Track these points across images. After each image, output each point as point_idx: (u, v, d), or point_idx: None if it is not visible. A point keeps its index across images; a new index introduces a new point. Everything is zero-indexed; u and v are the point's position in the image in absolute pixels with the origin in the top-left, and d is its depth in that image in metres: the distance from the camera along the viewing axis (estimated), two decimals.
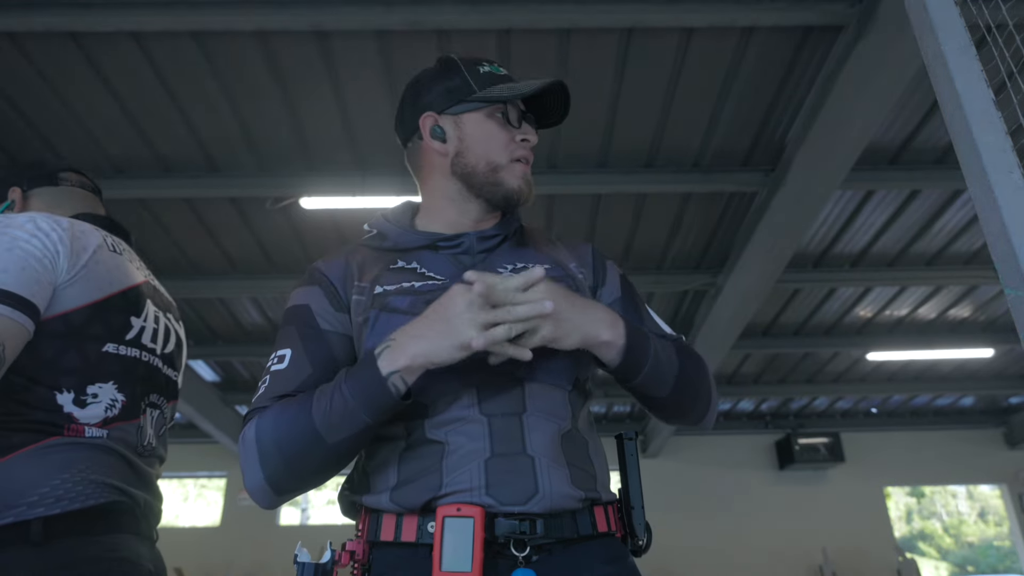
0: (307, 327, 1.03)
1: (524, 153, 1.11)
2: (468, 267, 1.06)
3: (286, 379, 0.98)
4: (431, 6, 3.31)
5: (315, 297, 1.06)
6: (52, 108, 3.91)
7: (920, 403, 9.09)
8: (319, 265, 1.11)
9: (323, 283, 1.07)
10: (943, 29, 0.96)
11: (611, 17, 3.34)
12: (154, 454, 1.32)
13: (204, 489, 11.57)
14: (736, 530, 8.63)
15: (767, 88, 3.89)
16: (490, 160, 1.10)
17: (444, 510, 0.89)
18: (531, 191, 1.12)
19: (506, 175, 1.10)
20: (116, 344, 1.21)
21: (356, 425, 0.90)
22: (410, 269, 1.07)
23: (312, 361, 1.00)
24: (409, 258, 1.09)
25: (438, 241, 1.10)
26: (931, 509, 14.79)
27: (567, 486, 0.94)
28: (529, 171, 1.13)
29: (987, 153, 0.94)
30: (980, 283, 5.88)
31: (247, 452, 0.94)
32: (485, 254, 1.10)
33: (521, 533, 0.90)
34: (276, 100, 3.91)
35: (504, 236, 1.13)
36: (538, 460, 0.94)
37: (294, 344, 1.02)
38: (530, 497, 0.92)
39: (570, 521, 0.94)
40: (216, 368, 7.56)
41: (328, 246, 5.27)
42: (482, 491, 0.91)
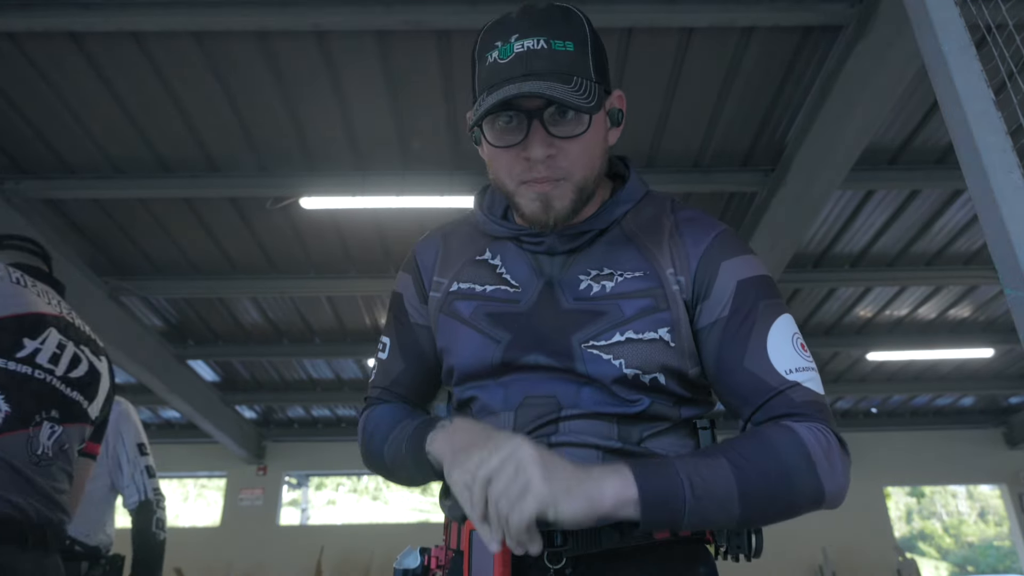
0: (400, 318, 1.09)
1: (531, 175, 0.91)
2: (547, 272, 0.97)
3: (386, 371, 1.09)
4: (431, 6, 3.31)
5: (407, 286, 1.10)
6: (52, 108, 3.91)
7: (920, 403, 9.08)
8: (417, 247, 1.11)
9: (414, 272, 1.09)
10: (943, 29, 0.96)
11: (611, 17, 3.34)
12: (54, 467, 1.39)
13: (204, 489, 11.57)
14: None
15: (767, 88, 3.89)
16: (502, 185, 0.96)
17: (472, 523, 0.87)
18: (554, 212, 0.92)
19: (520, 200, 0.94)
20: (5, 360, 1.34)
21: (410, 473, 0.97)
22: (491, 266, 1.01)
23: (404, 355, 1.08)
24: (495, 249, 1.02)
25: (522, 235, 0.99)
26: (931, 509, 14.79)
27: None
28: (551, 189, 0.91)
29: (987, 153, 0.94)
30: (980, 283, 5.88)
31: (359, 436, 1.07)
32: (567, 255, 0.97)
33: (551, 546, 0.84)
34: (276, 100, 3.91)
35: (599, 231, 0.97)
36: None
37: (391, 334, 1.10)
38: None
39: (611, 532, 0.85)
40: (216, 368, 7.55)
41: (328, 246, 5.28)
42: None
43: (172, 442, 8.50)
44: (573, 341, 0.91)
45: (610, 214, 0.98)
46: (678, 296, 0.92)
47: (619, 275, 0.94)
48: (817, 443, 0.84)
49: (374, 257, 5.38)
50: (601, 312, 0.92)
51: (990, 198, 0.92)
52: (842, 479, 0.87)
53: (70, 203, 4.73)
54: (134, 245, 5.23)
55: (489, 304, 0.97)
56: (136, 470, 2.20)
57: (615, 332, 0.90)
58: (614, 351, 0.90)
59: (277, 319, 6.50)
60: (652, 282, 0.93)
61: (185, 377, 7.02)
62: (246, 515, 8.92)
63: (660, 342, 0.90)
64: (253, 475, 9.12)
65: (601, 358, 0.90)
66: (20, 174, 4.40)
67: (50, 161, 4.32)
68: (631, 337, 0.90)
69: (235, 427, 8.34)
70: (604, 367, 0.90)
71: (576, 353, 0.91)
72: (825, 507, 0.87)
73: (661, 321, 0.91)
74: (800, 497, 0.83)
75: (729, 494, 0.79)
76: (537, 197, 0.91)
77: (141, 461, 2.22)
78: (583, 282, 0.94)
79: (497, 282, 0.99)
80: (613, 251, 0.97)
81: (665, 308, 0.91)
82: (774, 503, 0.82)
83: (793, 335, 0.90)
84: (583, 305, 0.93)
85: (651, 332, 0.90)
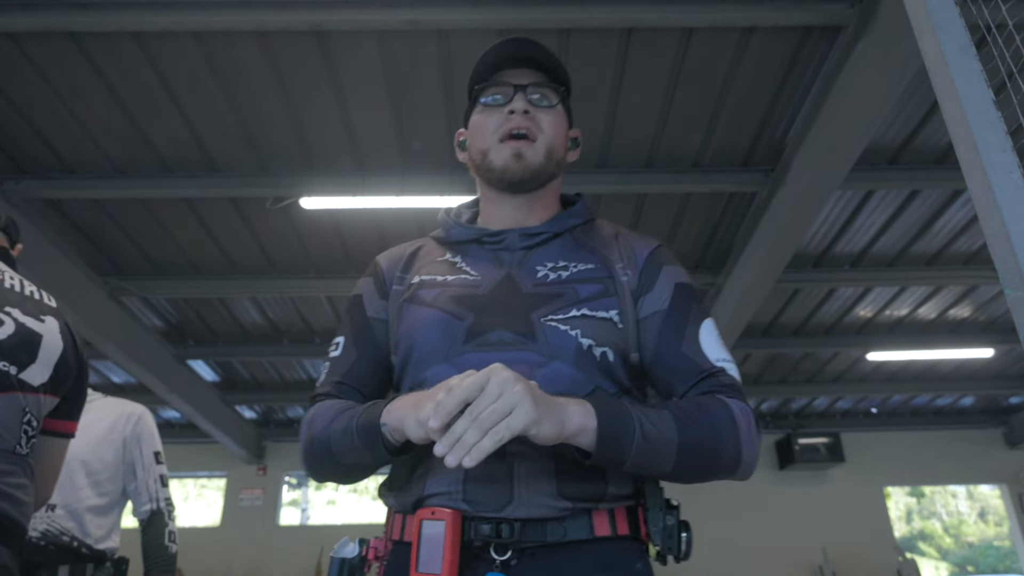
0: (356, 314, 1.14)
1: (510, 126, 1.08)
2: (506, 264, 1.08)
3: (338, 365, 1.10)
4: (431, 6, 3.31)
5: (367, 287, 1.17)
6: (52, 108, 3.91)
7: (920, 403, 9.08)
8: (378, 258, 1.22)
9: (375, 273, 1.18)
10: (943, 29, 0.96)
11: (611, 17, 3.34)
12: None
13: (204, 489, 11.57)
14: (736, 530, 8.62)
15: (767, 88, 3.89)
16: (480, 148, 1.12)
17: (422, 513, 0.91)
18: (524, 163, 1.07)
19: (493, 156, 1.10)
20: None
21: (358, 456, 0.96)
22: (451, 263, 1.11)
23: (358, 347, 1.10)
24: (456, 251, 1.13)
25: (483, 236, 1.12)
26: (931, 509, 14.79)
27: (550, 496, 0.92)
28: (526, 145, 1.08)
29: (987, 153, 0.94)
30: (980, 283, 5.88)
31: (301, 433, 1.06)
32: (525, 251, 1.09)
33: (497, 537, 0.89)
34: (276, 100, 3.91)
35: (553, 234, 1.11)
36: (518, 465, 0.92)
37: (346, 332, 1.13)
38: (505, 504, 0.91)
39: (556, 526, 0.91)
40: (216, 368, 7.55)
41: (328, 246, 5.28)
42: (459, 496, 0.92)
43: (172, 442, 8.48)
44: (534, 316, 1.00)
45: (563, 222, 1.12)
46: (625, 287, 1.05)
47: (573, 266, 1.06)
48: (742, 416, 0.96)
49: (374, 257, 5.37)
50: (559, 294, 1.02)
51: (990, 198, 0.92)
52: (756, 449, 0.98)
53: (70, 203, 4.73)
54: (134, 245, 5.23)
55: (451, 289, 1.06)
56: (150, 478, 2.19)
57: (572, 308, 1.00)
58: (571, 323, 0.99)
59: (277, 319, 6.50)
60: (603, 272, 1.06)
61: (185, 377, 7.02)
62: (246, 515, 8.92)
63: (610, 322, 1.01)
64: (253, 475, 9.11)
65: (559, 329, 0.98)
66: (20, 174, 4.40)
67: (50, 161, 4.32)
68: (586, 313, 1.00)
69: (235, 427, 8.34)
70: (563, 338, 0.98)
71: (537, 327, 0.99)
72: (739, 475, 0.97)
73: (611, 304, 1.02)
74: (723, 458, 0.94)
75: (669, 444, 0.89)
76: (512, 149, 1.07)
77: (156, 470, 2.21)
78: (540, 272, 1.05)
79: (458, 273, 1.09)
80: (566, 250, 1.09)
81: (614, 294, 1.04)
82: (702, 460, 0.93)
83: (718, 334, 1.06)
84: (541, 289, 1.03)
85: (603, 312, 1.01)
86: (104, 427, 2.16)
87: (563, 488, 0.93)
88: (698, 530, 4.38)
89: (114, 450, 2.15)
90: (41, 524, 1.94)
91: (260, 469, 9.13)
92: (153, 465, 2.21)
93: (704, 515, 9.81)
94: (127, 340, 5.86)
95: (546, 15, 3.34)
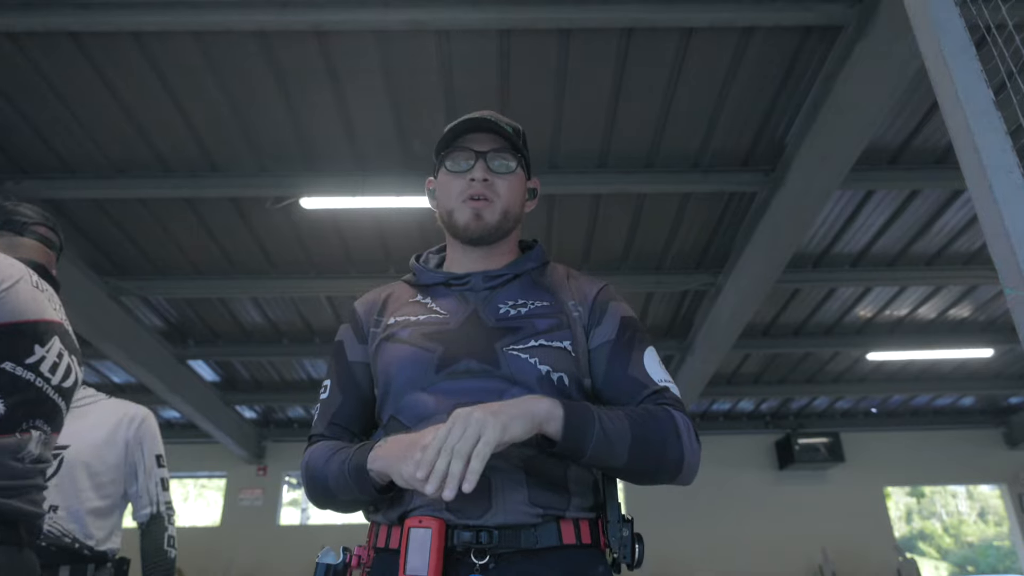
0: (339, 360, 1.26)
1: (473, 191, 1.21)
2: (472, 303, 1.20)
3: (327, 408, 1.23)
4: (431, 6, 3.31)
5: (347, 333, 1.28)
6: (52, 108, 3.91)
7: (920, 403, 9.08)
8: (356, 304, 1.32)
9: (353, 320, 1.29)
10: (943, 29, 0.95)
11: (611, 17, 3.34)
12: (35, 469, 1.40)
13: (204, 489, 11.56)
14: (736, 530, 8.63)
15: (767, 88, 3.89)
16: (447, 207, 1.25)
17: (410, 521, 1.02)
18: (483, 223, 1.21)
19: (457, 215, 1.23)
20: (14, 364, 1.34)
21: (352, 494, 1.09)
22: (423, 304, 1.23)
23: (342, 391, 1.23)
24: (426, 293, 1.25)
25: (450, 279, 1.24)
26: (931, 509, 14.80)
27: (523, 503, 1.03)
28: (484, 206, 1.21)
29: (987, 153, 0.94)
30: (980, 283, 5.88)
31: (301, 474, 1.18)
32: (489, 291, 1.22)
33: (478, 543, 1.00)
34: (276, 100, 3.91)
35: (513, 275, 1.24)
36: (494, 477, 1.02)
37: (332, 376, 1.26)
38: (484, 512, 1.02)
39: (529, 533, 1.02)
40: (216, 368, 7.55)
41: (328, 246, 5.28)
42: (442, 506, 1.01)
43: (172, 442, 8.44)
44: (497, 347, 1.12)
45: (522, 265, 1.26)
46: (577, 321, 1.18)
47: (531, 303, 1.19)
48: (684, 425, 1.08)
49: (374, 257, 5.38)
50: (519, 327, 1.15)
51: (990, 198, 0.92)
52: (698, 457, 1.10)
53: (70, 203, 4.73)
54: (134, 245, 5.23)
55: (422, 327, 1.18)
56: (151, 481, 2.19)
57: (531, 339, 1.13)
58: (530, 352, 1.12)
59: (277, 319, 6.50)
60: (557, 308, 1.19)
61: (185, 377, 7.02)
62: (246, 515, 8.92)
63: (565, 351, 1.14)
64: (253, 475, 9.11)
65: (520, 357, 1.11)
66: (20, 174, 4.40)
67: (50, 161, 4.32)
68: (544, 344, 1.13)
69: (235, 427, 8.34)
70: (523, 365, 1.11)
71: (500, 356, 1.11)
72: (681, 478, 1.08)
73: (565, 336, 1.15)
74: (668, 461, 1.06)
75: (623, 441, 1.02)
76: (472, 210, 1.21)
77: (157, 473, 2.21)
78: (502, 308, 1.18)
79: (427, 312, 1.21)
80: (525, 290, 1.22)
81: (567, 327, 1.16)
82: (651, 458, 1.05)
83: (659, 360, 1.20)
84: (503, 323, 1.16)
85: (558, 342, 1.14)
86: (107, 429, 2.15)
87: (534, 497, 1.04)
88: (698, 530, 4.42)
89: (116, 452, 2.14)
90: (43, 526, 1.94)
91: (260, 469, 9.13)
92: (155, 468, 2.21)
93: (704, 515, 9.81)
94: (127, 340, 5.86)
95: (546, 15, 3.34)
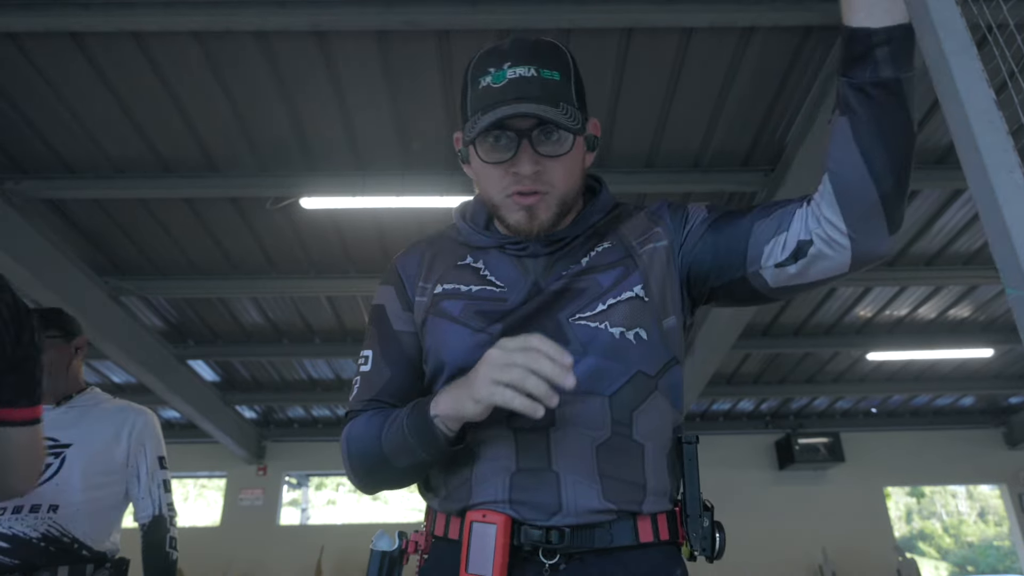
0: (383, 328, 1.10)
1: (517, 188, 1.00)
2: (532, 273, 1.05)
3: (370, 382, 1.08)
4: (431, 6, 3.31)
5: (389, 297, 1.13)
6: (52, 108, 3.91)
7: (920, 403, 9.09)
8: (397, 260, 1.16)
9: (396, 282, 1.13)
10: (944, 28, 0.95)
11: (611, 17, 3.35)
12: None
13: (204, 489, 11.57)
14: (736, 530, 8.55)
15: (767, 88, 3.90)
16: (489, 198, 1.06)
17: (472, 515, 0.94)
18: (538, 223, 1.01)
19: (505, 213, 1.03)
20: None
21: (415, 457, 0.96)
22: (474, 268, 1.08)
23: (389, 363, 1.08)
24: (477, 255, 1.10)
25: (506, 243, 1.08)
26: (931, 509, 14.81)
27: (596, 501, 0.94)
28: (537, 201, 1.01)
29: (988, 153, 0.94)
30: (980, 283, 5.88)
31: (342, 451, 1.05)
32: (548, 257, 1.06)
33: (547, 542, 0.91)
34: (276, 100, 3.91)
35: (576, 236, 1.07)
36: (563, 476, 0.94)
37: (374, 345, 1.10)
38: (553, 513, 0.93)
39: (604, 532, 0.93)
40: (216, 368, 7.56)
41: (328, 246, 5.28)
42: (506, 504, 0.94)
43: (172, 442, 8.40)
44: (561, 318, 1.00)
45: (586, 222, 1.08)
46: (655, 255, 1.04)
47: (592, 253, 1.05)
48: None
49: (374, 257, 5.38)
50: (582, 289, 1.02)
51: (991, 198, 0.91)
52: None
53: (70, 203, 4.73)
54: (134, 245, 5.23)
55: (476, 303, 1.04)
56: (154, 483, 2.19)
57: (597, 303, 1.00)
58: (599, 318, 0.99)
59: (277, 319, 6.50)
60: (620, 252, 1.05)
61: (185, 377, 7.02)
62: (246, 515, 8.92)
63: (636, 299, 1.01)
64: (253, 475, 9.12)
65: (588, 327, 0.99)
66: (20, 174, 4.40)
67: (50, 161, 4.32)
68: (611, 303, 1.00)
69: (235, 427, 8.34)
70: (593, 333, 0.99)
71: (566, 328, 0.99)
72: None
73: (634, 281, 1.02)
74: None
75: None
76: (523, 208, 1.01)
77: (159, 475, 2.21)
78: (565, 273, 1.04)
79: (482, 283, 1.06)
80: (590, 246, 1.07)
81: (635, 270, 1.03)
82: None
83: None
84: (566, 290, 1.02)
85: (628, 292, 1.01)
86: (110, 429, 2.15)
87: (608, 493, 0.94)
88: None
89: (119, 452, 2.14)
90: (42, 525, 1.94)
91: (260, 469, 9.13)
92: (157, 470, 2.21)
93: None
94: (127, 340, 5.86)
95: (546, 15, 3.34)
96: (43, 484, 1.98)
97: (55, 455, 2.03)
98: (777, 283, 0.99)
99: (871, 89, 0.87)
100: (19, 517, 1.93)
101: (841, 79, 0.89)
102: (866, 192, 0.90)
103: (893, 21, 0.86)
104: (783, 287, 1.00)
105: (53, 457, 2.03)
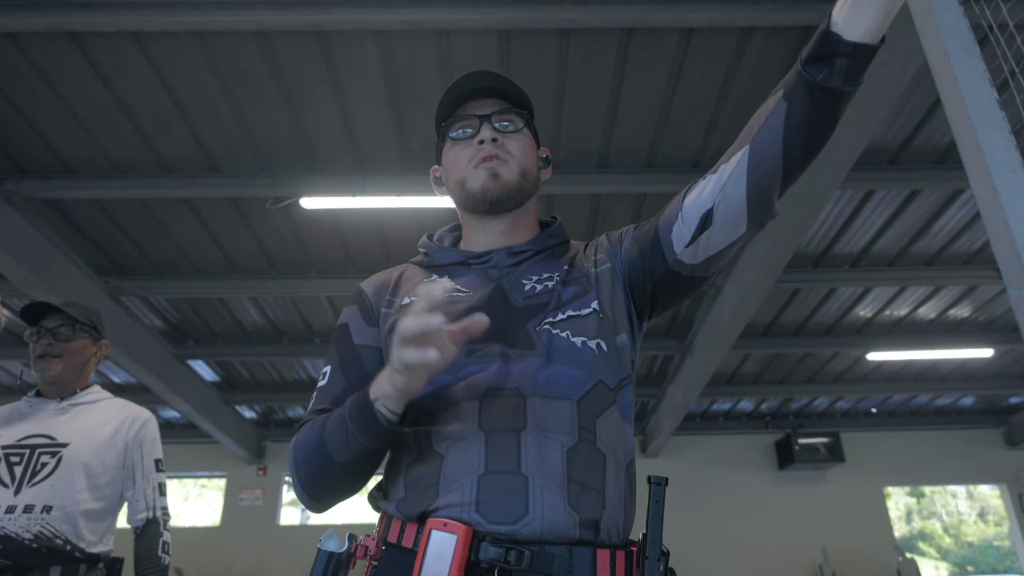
0: (344, 345, 1.13)
1: (482, 155, 1.12)
2: (495, 280, 1.12)
3: (325, 394, 1.09)
4: (431, 6, 3.31)
5: (353, 315, 1.16)
6: (52, 108, 3.91)
7: (920, 403, 9.09)
8: (362, 285, 1.22)
9: (360, 301, 1.18)
10: (946, 29, 0.95)
11: (611, 17, 3.34)
12: None
13: (204, 489, 11.56)
14: (736, 530, 8.62)
15: (767, 88, 3.88)
16: (458, 180, 1.16)
17: (433, 523, 0.91)
18: (501, 182, 1.12)
19: (471, 181, 1.13)
20: None
21: (358, 448, 0.96)
22: (440, 283, 1.09)
23: (346, 375, 1.09)
24: (443, 273, 1.17)
25: (469, 258, 1.16)
26: (931, 509, 14.81)
27: (561, 509, 0.92)
28: (500, 164, 1.13)
29: (990, 152, 0.94)
30: (980, 283, 5.88)
31: (289, 463, 1.05)
32: (512, 268, 1.14)
33: (506, 562, 0.88)
34: (276, 100, 3.90)
35: (536, 251, 1.16)
36: (531, 480, 0.93)
37: (333, 361, 1.13)
38: (519, 518, 0.91)
39: (562, 563, 0.91)
40: (216, 368, 7.55)
41: (328, 246, 5.28)
42: (472, 507, 0.92)
43: (172, 442, 8.50)
44: (529, 326, 1.05)
45: (544, 242, 1.19)
46: (594, 277, 1.13)
47: (556, 275, 1.13)
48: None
49: (374, 257, 5.38)
50: (545, 302, 1.08)
51: (993, 198, 0.91)
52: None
53: (70, 203, 4.73)
54: (134, 245, 5.23)
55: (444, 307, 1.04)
56: (149, 486, 2.18)
57: (558, 312, 1.06)
58: (561, 326, 1.05)
59: (277, 319, 6.49)
60: (577, 273, 1.13)
61: (185, 377, 7.02)
62: (246, 515, 8.92)
63: (594, 313, 1.08)
64: (253, 475, 9.11)
65: (552, 332, 1.04)
66: (20, 174, 4.39)
67: (50, 161, 4.32)
68: (571, 314, 1.06)
69: (235, 427, 8.33)
70: (557, 341, 1.03)
71: (533, 335, 1.04)
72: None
73: (590, 298, 1.09)
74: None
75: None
76: (487, 171, 1.12)
77: (155, 478, 2.20)
78: (527, 284, 1.11)
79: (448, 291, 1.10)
80: (549, 263, 1.16)
81: (592, 288, 1.11)
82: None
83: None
84: (530, 301, 1.09)
85: (585, 308, 1.08)
86: (108, 430, 2.15)
87: (572, 500, 0.94)
88: (698, 530, 4.43)
89: (115, 454, 2.14)
90: (35, 526, 1.93)
91: (260, 469, 9.13)
92: (153, 473, 2.20)
93: (704, 515, 9.82)
94: (127, 340, 5.86)
95: (546, 15, 3.34)
96: (38, 484, 1.97)
97: (51, 455, 2.02)
98: (695, 259, 1.06)
99: (816, 91, 0.91)
100: (11, 517, 1.91)
101: (798, 67, 0.93)
102: (773, 176, 0.97)
103: (864, 39, 0.89)
104: (703, 261, 1.06)
105: (49, 457, 2.02)
